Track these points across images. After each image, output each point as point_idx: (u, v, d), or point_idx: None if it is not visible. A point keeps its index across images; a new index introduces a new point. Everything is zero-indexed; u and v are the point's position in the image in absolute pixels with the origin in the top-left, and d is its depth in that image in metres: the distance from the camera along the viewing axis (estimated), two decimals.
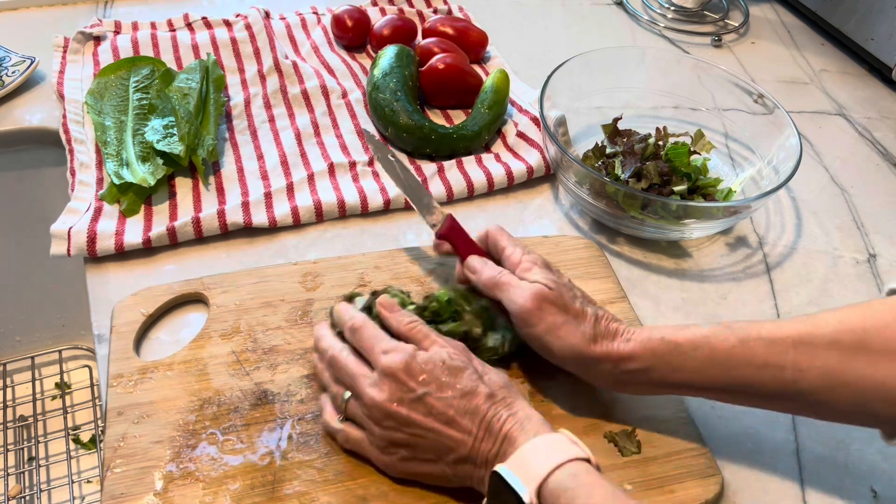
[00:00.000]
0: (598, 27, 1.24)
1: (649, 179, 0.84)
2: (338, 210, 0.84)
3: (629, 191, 0.79)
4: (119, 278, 0.76)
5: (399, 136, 0.91)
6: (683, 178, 0.85)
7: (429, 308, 0.66)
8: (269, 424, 0.63)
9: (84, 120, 0.93)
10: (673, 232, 0.82)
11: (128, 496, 0.57)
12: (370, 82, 0.96)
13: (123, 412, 0.63)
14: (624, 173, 0.85)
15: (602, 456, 0.62)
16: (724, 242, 0.87)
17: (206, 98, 0.93)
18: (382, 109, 0.93)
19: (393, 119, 0.91)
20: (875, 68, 1.18)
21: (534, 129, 0.94)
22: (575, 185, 0.83)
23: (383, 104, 0.92)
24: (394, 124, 0.91)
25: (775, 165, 0.86)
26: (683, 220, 0.80)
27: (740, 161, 0.93)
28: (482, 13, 1.20)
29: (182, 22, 1.11)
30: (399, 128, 0.91)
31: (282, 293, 0.73)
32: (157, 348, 0.69)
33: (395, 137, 0.92)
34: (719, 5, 1.32)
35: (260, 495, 0.58)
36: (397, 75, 0.95)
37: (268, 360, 0.67)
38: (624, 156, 0.88)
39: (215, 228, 0.80)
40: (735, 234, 0.88)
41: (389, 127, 0.92)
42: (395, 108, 0.91)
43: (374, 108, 0.94)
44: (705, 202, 0.83)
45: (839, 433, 0.68)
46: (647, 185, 0.83)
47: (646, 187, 0.83)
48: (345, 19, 1.09)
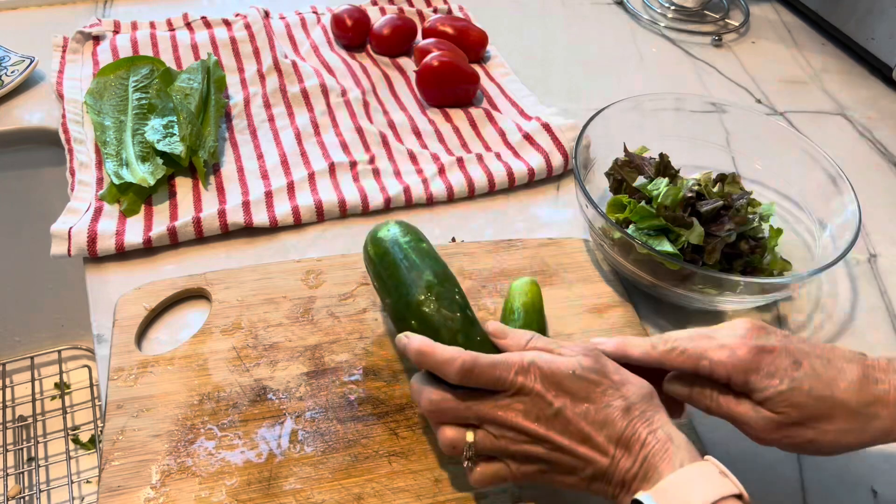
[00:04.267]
0: (598, 27, 1.24)
1: (714, 255, 0.73)
2: (338, 209, 0.84)
3: (704, 272, 0.69)
4: (119, 278, 0.76)
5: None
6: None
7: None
8: (267, 421, 0.62)
9: (83, 120, 0.93)
10: (703, 303, 0.75)
11: (125, 489, 0.57)
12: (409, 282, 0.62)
13: (123, 405, 0.63)
14: (712, 253, 0.72)
15: None
16: None
17: (207, 98, 0.94)
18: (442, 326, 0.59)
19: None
20: (875, 68, 1.18)
21: (539, 133, 0.94)
22: (600, 236, 0.75)
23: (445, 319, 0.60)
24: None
25: (832, 233, 0.78)
26: (724, 294, 0.72)
27: (790, 221, 0.85)
28: (482, 13, 1.21)
29: (181, 22, 1.11)
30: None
31: (284, 290, 0.73)
32: (158, 345, 0.69)
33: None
34: (720, 5, 1.32)
35: (256, 491, 0.58)
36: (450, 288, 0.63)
37: (268, 357, 0.67)
38: (708, 225, 0.75)
39: (216, 228, 0.80)
40: None
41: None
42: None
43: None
44: (770, 278, 0.75)
45: None
46: (712, 260, 0.73)
47: (710, 263, 0.73)
48: (344, 19, 1.09)
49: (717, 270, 0.73)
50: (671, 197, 0.75)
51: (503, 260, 0.79)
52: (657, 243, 0.72)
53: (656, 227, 0.74)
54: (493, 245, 0.80)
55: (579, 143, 0.80)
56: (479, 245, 0.80)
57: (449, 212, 0.87)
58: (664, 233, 0.74)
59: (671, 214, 0.73)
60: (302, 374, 0.66)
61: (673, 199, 0.74)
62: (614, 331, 0.73)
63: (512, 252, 0.80)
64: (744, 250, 0.75)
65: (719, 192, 0.78)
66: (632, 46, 1.20)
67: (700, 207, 0.75)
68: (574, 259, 0.80)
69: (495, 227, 0.85)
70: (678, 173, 0.81)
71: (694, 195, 0.76)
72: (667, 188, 0.76)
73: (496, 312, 0.73)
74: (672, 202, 0.74)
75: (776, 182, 0.87)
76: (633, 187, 0.79)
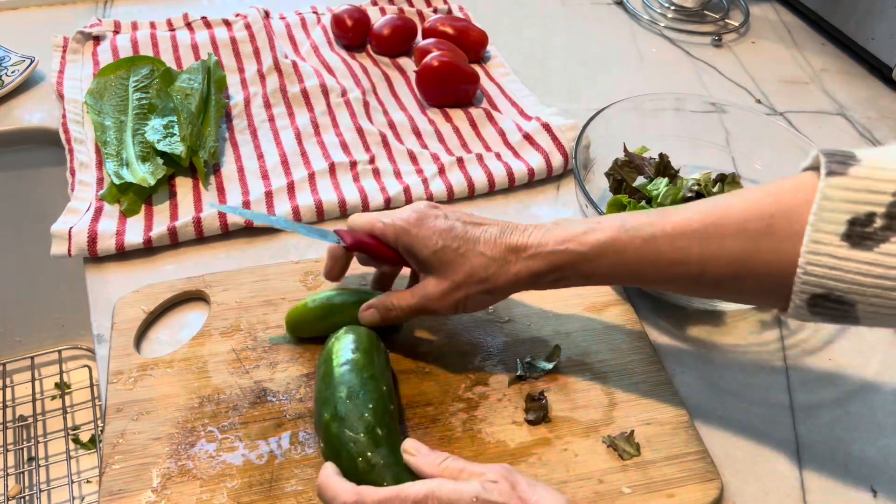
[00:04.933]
0: (598, 27, 1.24)
1: None
2: (338, 209, 0.84)
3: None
4: (119, 278, 0.76)
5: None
6: None
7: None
8: (267, 423, 0.62)
9: (84, 120, 0.93)
10: (701, 302, 0.75)
11: (126, 493, 0.57)
12: (323, 400, 0.59)
13: (123, 409, 0.63)
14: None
15: (602, 460, 0.62)
16: None
17: (207, 99, 0.94)
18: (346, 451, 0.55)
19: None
20: (875, 68, 1.18)
21: (539, 133, 0.93)
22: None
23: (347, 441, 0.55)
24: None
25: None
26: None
27: None
28: (482, 13, 1.21)
29: (181, 22, 1.11)
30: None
31: (283, 292, 0.73)
32: (157, 347, 0.69)
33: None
34: (720, 5, 1.32)
35: (257, 493, 0.58)
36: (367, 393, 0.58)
37: (268, 359, 0.67)
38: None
39: (216, 228, 0.80)
40: None
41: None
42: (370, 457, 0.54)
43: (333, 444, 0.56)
44: None
45: (839, 433, 0.68)
46: None
47: None
48: (345, 19, 1.09)
49: None
50: (671, 197, 0.75)
51: None
52: None
53: None
54: None
55: (579, 143, 0.80)
56: None
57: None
58: None
59: None
60: (301, 376, 0.66)
61: (673, 199, 0.74)
62: (613, 329, 0.73)
63: None
64: None
65: (719, 192, 0.78)
66: (632, 46, 1.20)
67: None
68: None
69: None
70: (678, 173, 0.81)
71: (694, 195, 0.76)
72: (667, 188, 0.76)
73: (495, 313, 0.73)
74: (672, 202, 0.74)
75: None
76: (633, 187, 0.79)
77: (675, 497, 0.60)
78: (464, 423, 0.64)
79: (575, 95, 1.07)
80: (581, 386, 0.67)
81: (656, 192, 0.76)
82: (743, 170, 0.89)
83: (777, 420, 0.68)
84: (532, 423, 0.64)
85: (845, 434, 0.68)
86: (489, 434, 0.63)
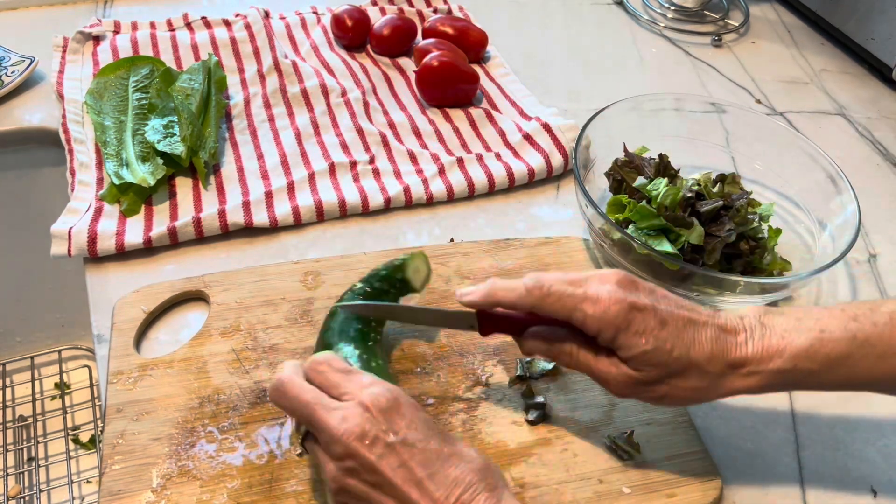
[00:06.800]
0: (598, 27, 1.24)
1: (714, 255, 0.73)
2: (338, 209, 0.84)
3: (704, 273, 0.68)
4: (119, 278, 0.76)
5: None
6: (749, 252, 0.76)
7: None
8: (267, 423, 0.62)
9: (84, 120, 0.93)
10: (703, 303, 0.73)
11: (126, 493, 0.57)
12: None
13: (123, 409, 0.63)
14: (712, 253, 0.73)
15: (602, 460, 0.62)
16: None
17: (208, 99, 0.94)
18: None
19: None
20: (875, 68, 1.18)
21: (539, 133, 0.93)
22: (600, 236, 0.75)
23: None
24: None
25: (832, 233, 0.78)
26: (724, 294, 0.71)
27: (790, 221, 0.85)
28: (482, 13, 1.20)
29: (181, 22, 1.11)
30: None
31: (282, 292, 0.73)
32: (157, 347, 0.69)
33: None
34: (719, 5, 1.32)
35: (257, 493, 0.58)
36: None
37: (267, 359, 0.67)
38: (707, 224, 0.74)
39: (216, 228, 0.80)
40: None
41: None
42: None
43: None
44: (770, 278, 0.75)
45: (839, 433, 0.68)
46: (712, 260, 0.73)
47: (710, 263, 0.73)
48: (344, 19, 1.09)
49: (716, 270, 0.73)
50: (671, 197, 0.75)
51: (501, 259, 0.79)
52: (657, 243, 0.72)
53: (656, 227, 0.74)
54: (490, 245, 0.80)
55: (579, 143, 0.80)
56: (476, 245, 0.80)
57: (449, 212, 0.87)
58: (664, 233, 0.74)
59: (671, 214, 0.73)
60: None
61: (673, 200, 0.75)
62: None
63: (510, 251, 0.80)
64: (743, 250, 0.75)
65: (719, 192, 0.78)
66: (632, 47, 1.20)
67: (700, 207, 0.75)
68: (573, 258, 0.80)
69: (495, 228, 0.85)
70: (678, 173, 0.81)
71: (694, 195, 0.76)
72: (666, 188, 0.76)
73: None
74: (672, 202, 0.74)
75: (776, 182, 0.87)
76: (632, 187, 0.79)
77: (675, 497, 0.60)
78: (464, 423, 0.64)
79: (575, 95, 1.07)
80: (581, 386, 0.67)
81: (656, 193, 0.76)
82: (743, 170, 0.89)
83: (777, 420, 0.68)
84: (532, 423, 0.64)
85: (845, 434, 0.68)
86: (489, 434, 0.63)
